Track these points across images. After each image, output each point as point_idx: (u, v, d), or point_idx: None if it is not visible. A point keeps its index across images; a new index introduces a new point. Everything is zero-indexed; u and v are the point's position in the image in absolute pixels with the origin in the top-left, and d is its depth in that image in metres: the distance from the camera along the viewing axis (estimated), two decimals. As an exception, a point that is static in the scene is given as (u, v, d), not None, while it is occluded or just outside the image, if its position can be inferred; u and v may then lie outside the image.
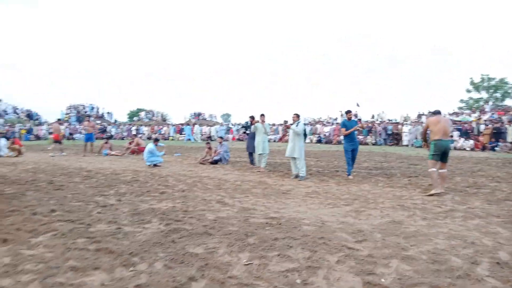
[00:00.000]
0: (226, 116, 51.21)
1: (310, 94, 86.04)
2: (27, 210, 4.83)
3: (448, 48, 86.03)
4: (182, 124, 35.53)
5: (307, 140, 23.92)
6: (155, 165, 10.57)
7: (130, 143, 16.47)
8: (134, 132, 32.48)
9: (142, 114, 45.54)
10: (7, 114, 39.29)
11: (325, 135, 27.87)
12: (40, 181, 7.41)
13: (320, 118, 33.82)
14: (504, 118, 22.08)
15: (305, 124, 12.34)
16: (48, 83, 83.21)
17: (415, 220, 4.60)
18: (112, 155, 14.72)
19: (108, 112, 43.59)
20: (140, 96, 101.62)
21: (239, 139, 30.00)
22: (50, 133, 30.71)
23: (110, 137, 21.34)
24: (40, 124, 36.50)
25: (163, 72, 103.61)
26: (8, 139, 15.90)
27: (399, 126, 25.14)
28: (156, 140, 11.74)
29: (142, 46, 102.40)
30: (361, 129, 23.78)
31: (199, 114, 43.74)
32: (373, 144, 24.59)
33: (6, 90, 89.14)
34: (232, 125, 36.73)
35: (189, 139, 29.60)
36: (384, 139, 25.01)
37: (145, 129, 34.86)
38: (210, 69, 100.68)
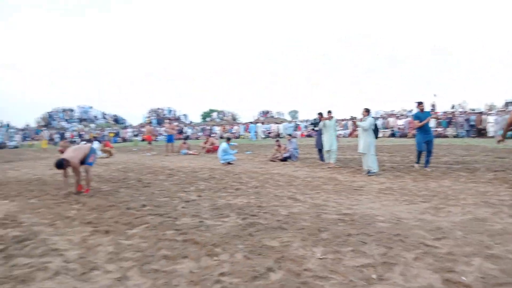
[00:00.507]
0: (294, 113, 51.11)
1: (310, 94, 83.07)
2: (122, 205, 5.43)
3: (448, 48, 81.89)
4: (251, 123, 36.43)
5: (380, 135, 22.92)
6: (228, 163, 11.07)
7: (205, 143, 17.40)
8: (208, 132, 34.18)
9: (214, 114, 47.62)
10: (97, 119, 44.17)
11: (399, 128, 26.48)
12: (130, 179, 8.25)
13: (393, 111, 32.19)
14: None
15: (376, 118, 11.90)
16: (48, 83, 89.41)
17: (501, 217, 4.29)
18: (190, 154, 15.71)
19: (184, 114, 46.49)
20: (211, 96, 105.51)
21: (308, 135, 29.79)
22: (135, 135, 33.76)
23: (187, 137, 22.73)
24: (126, 127, 40.18)
25: (163, 72, 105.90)
26: (100, 142, 17.88)
27: (483, 116, 22.90)
28: (228, 139, 12.29)
29: (142, 46, 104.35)
30: (437, 120, 22.24)
31: (267, 112, 44.45)
32: (454, 137, 22.73)
33: (94, 96, 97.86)
34: (300, 121, 36.65)
35: (255, 138, 30.12)
36: (467, 131, 22.99)
37: (217, 129, 36.39)
38: (210, 69, 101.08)
